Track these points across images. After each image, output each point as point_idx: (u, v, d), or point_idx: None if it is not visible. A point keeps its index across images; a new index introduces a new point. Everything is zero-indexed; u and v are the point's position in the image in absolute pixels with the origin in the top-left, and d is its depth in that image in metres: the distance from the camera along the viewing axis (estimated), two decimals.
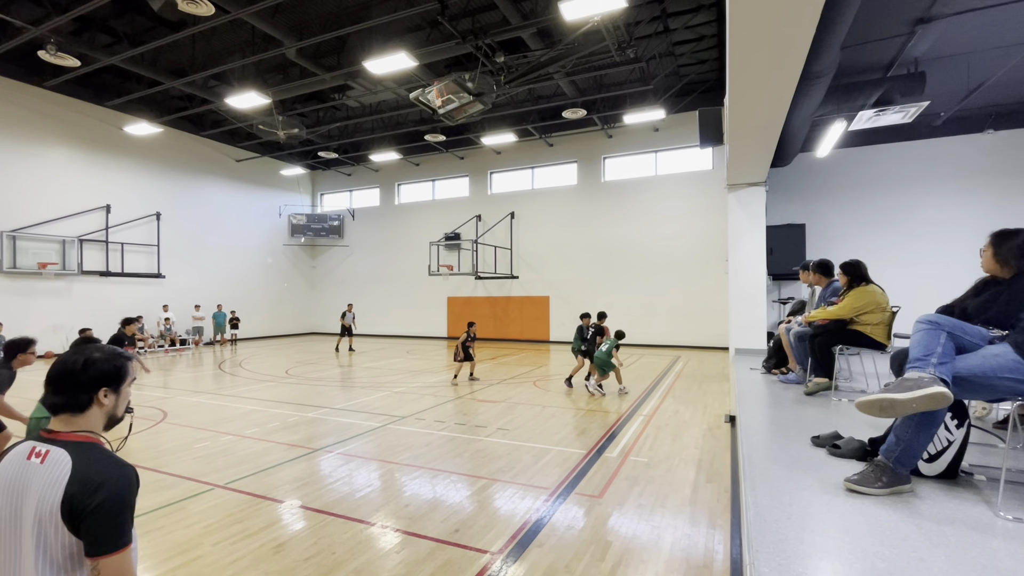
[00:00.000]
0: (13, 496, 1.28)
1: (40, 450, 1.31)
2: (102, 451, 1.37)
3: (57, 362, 1.40)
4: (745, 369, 5.89)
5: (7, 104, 14.38)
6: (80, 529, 1.25)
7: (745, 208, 7.66)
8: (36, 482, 1.26)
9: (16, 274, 14.44)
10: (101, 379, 1.40)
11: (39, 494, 1.25)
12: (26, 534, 1.25)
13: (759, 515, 1.93)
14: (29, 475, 1.28)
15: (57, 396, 1.37)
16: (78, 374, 1.37)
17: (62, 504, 1.24)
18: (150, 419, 7.38)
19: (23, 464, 1.30)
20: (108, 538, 1.25)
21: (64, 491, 1.25)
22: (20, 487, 1.28)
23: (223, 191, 20.53)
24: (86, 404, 1.38)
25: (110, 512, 1.26)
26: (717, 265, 15.74)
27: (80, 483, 1.26)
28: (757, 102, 5.04)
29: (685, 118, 16.10)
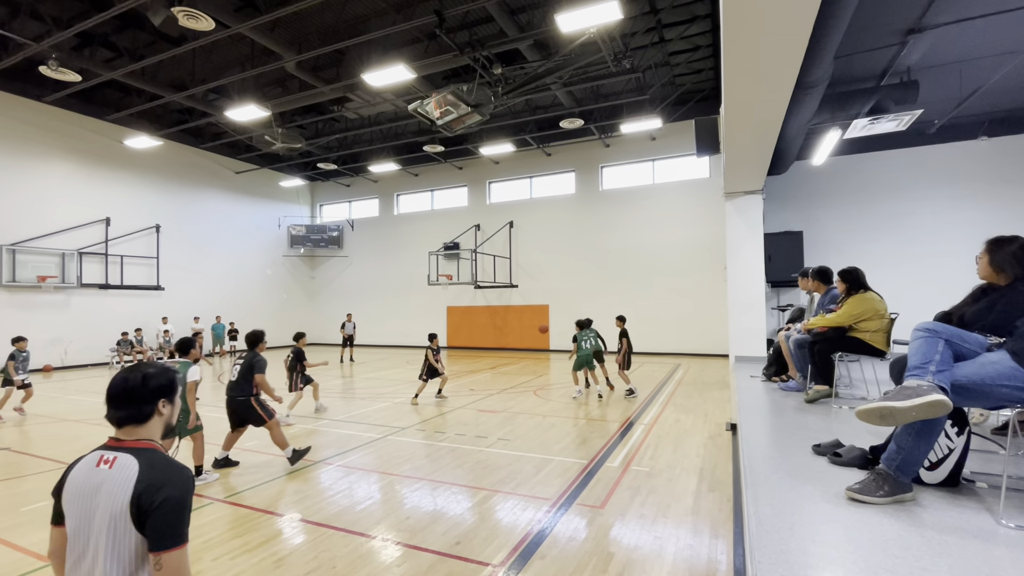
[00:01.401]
0: (85, 500, 1.44)
1: (108, 457, 1.48)
2: (163, 456, 1.53)
3: (117, 380, 1.55)
4: (745, 377, 5.89)
5: (8, 119, 14.47)
6: (145, 526, 1.39)
7: (743, 216, 7.70)
8: (107, 485, 1.42)
9: (15, 288, 14.43)
10: (159, 392, 1.57)
11: (110, 495, 1.41)
12: (97, 534, 1.40)
13: (761, 525, 1.92)
14: (99, 480, 1.44)
15: (121, 410, 1.53)
16: (140, 389, 1.53)
17: (130, 503, 1.39)
18: None
19: (93, 471, 1.46)
20: (170, 534, 1.40)
21: (132, 491, 1.40)
22: (91, 491, 1.44)
23: (222, 203, 20.59)
24: (148, 415, 1.56)
25: (172, 510, 1.41)
26: (716, 273, 15.77)
27: (146, 484, 1.41)
28: (752, 112, 5.10)
29: (682, 127, 16.22)
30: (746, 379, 5.74)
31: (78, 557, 1.43)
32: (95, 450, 1.51)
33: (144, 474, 1.43)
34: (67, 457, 6.11)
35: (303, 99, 13.91)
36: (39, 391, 11.39)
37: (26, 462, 5.97)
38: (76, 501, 1.46)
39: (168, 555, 1.38)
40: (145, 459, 1.47)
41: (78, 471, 1.49)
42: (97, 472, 1.45)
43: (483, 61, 11.47)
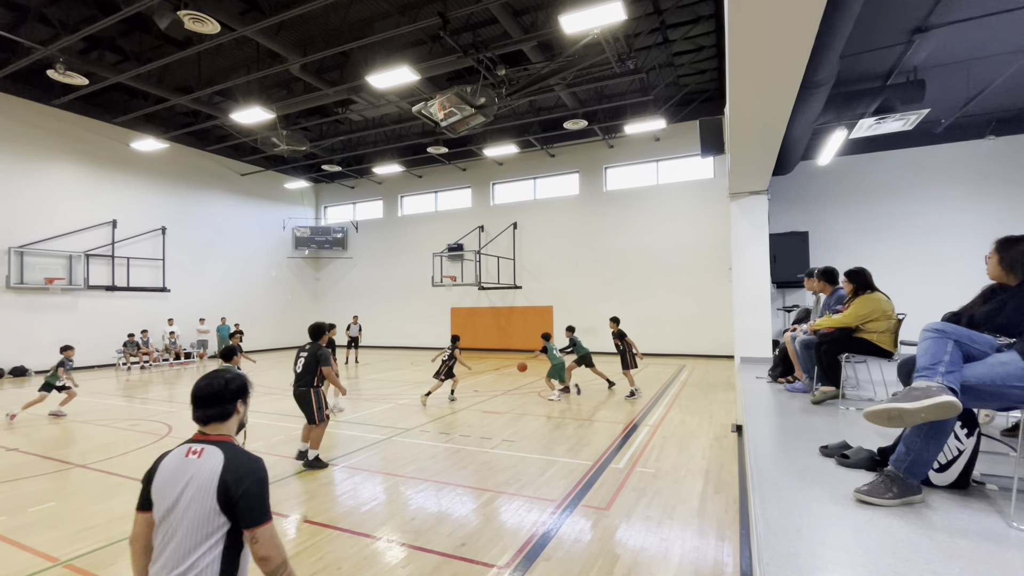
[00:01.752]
0: (176, 485, 1.67)
1: (196, 449, 1.74)
2: (240, 448, 1.78)
3: (202, 385, 1.82)
4: (751, 378, 5.87)
5: (16, 122, 14.60)
6: (233, 508, 1.64)
7: (748, 216, 7.68)
8: (197, 472, 1.67)
9: (23, 289, 14.55)
10: (238, 394, 1.87)
11: (200, 480, 1.66)
12: (184, 514, 1.63)
13: (769, 528, 1.91)
14: (189, 468, 1.69)
15: (207, 410, 1.80)
16: (223, 392, 1.82)
17: (218, 488, 1.63)
18: (155, 433, 7.38)
19: (183, 461, 1.72)
20: (259, 512, 1.66)
21: (220, 477, 1.65)
22: (182, 477, 1.67)
23: (228, 205, 20.70)
24: (229, 414, 1.84)
25: (257, 493, 1.67)
26: (721, 273, 15.72)
27: (232, 471, 1.67)
28: (757, 112, 5.08)
29: (686, 127, 16.19)
30: (752, 380, 5.71)
31: (164, 536, 1.65)
32: (183, 443, 1.78)
33: (229, 463, 1.69)
34: (74, 458, 6.15)
35: (308, 101, 13.97)
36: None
37: (34, 463, 6.01)
38: (167, 487, 1.69)
39: (261, 529, 1.65)
40: (227, 451, 1.73)
41: (169, 461, 1.75)
42: (187, 462, 1.71)
43: (487, 63, 11.48)
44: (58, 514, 4.46)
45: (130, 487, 5.12)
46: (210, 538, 1.63)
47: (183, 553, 1.60)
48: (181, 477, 1.68)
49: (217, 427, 1.82)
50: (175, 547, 1.61)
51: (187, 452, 1.74)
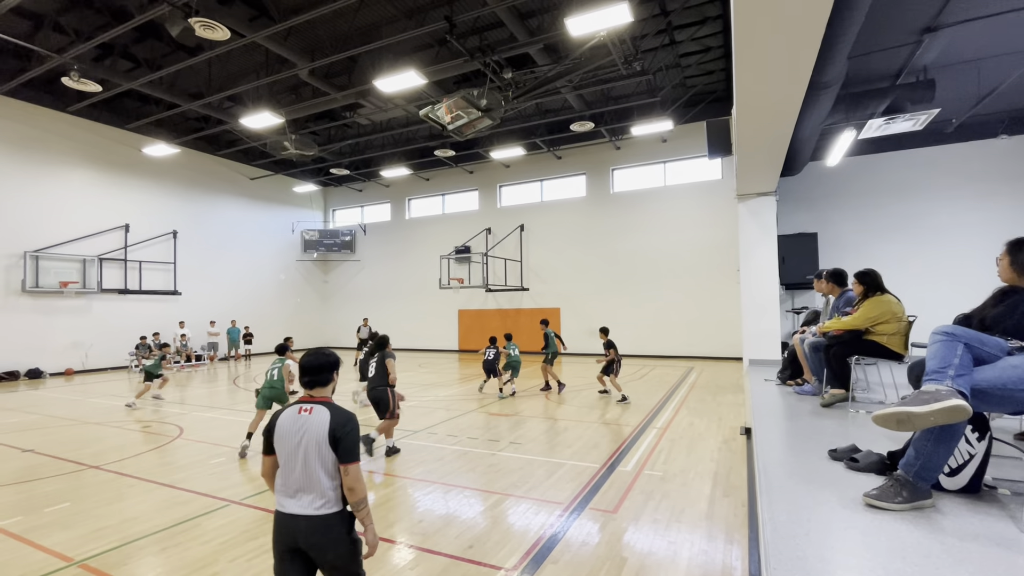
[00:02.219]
0: (296, 435, 2.23)
1: (306, 407, 2.29)
2: (338, 406, 2.34)
3: (311, 358, 2.40)
4: (760, 380, 5.83)
5: (33, 128, 14.87)
6: (338, 448, 2.21)
7: (756, 218, 7.64)
8: (310, 425, 2.23)
9: (39, 293, 14.79)
10: (335, 367, 2.46)
11: (315, 430, 2.22)
12: (305, 454, 2.20)
13: (777, 532, 1.91)
14: (303, 422, 2.25)
15: (315, 377, 2.38)
16: (326, 365, 2.41)
17: (328, 434, 2.21)
18: (167, 435, 7.47)
19: (297, 417, 2.27)
20: (352, 452, 2.24)
21: (329, 427, 2.22)
22: (298, 429, 2.24)
23: (238, 209, 20.92)
24: (328, 381, 2.43)
25: (353, 438, 2.26)
26: (729, 275, 15.63)
27: (336, 422, 2.24)
28: (764, 113, 5.07)
29: (693, 128, 16.13)
30: (760, 383, 5.68)
31: (290, 471, 2.23)
32: (294, 403, 2.33)
33: (334, 417, 2.25)
34: (88, 459, 6.24)
35: (316, 106, 14.10)
36: (61, 394, 11.65)
37: (49, 464, 6.11)
38: (286, 436, 2.25)
39: (351, 466, 2.22)
40: (331, 408, 2.29)
41: (284, 418, 2.30)
42: (300, 417, 2.26)
43: (493, 66, 11.53)
44: (73, 514, 4.53)
45: (143, 488, 5.19)
46: (325, 469, 2.23)
47: (311, 480, 2.22)
48: (298, 429, 2.25)
49: (320, 391, 2.40)
50: (303, 476, 2.21)
51: (299, 410, 2.29)
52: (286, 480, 2.24)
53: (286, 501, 2.23)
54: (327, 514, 2.19)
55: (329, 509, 2.20)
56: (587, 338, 18.63)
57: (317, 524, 2.18)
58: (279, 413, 2.32)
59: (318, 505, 2.19)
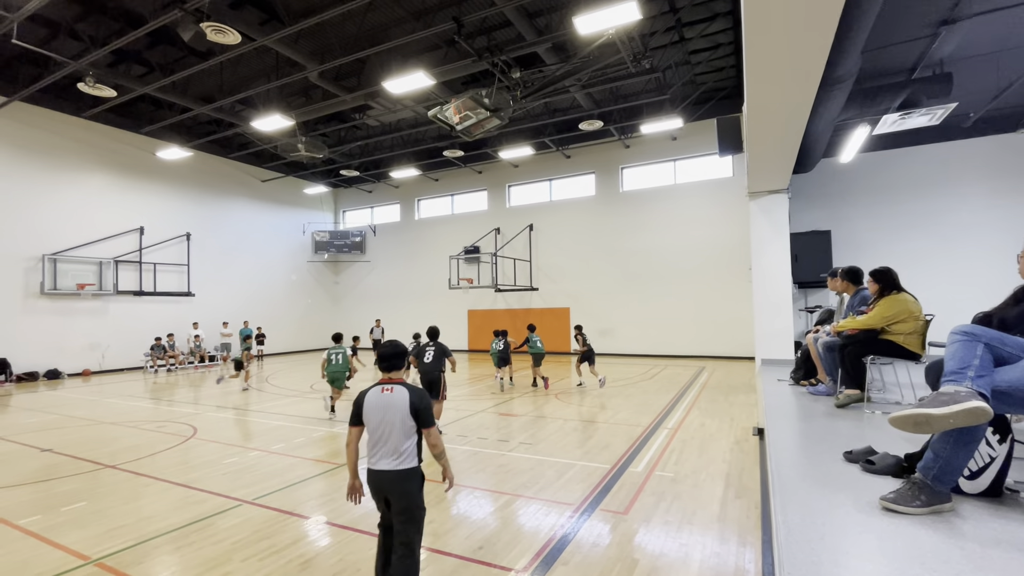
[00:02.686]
0: (380, 409, 2.86)
1: (388, 388, 2.91)
2: (412, 385, 2.96)
3: (388, 349, 3.01)
4: (772, 380, 5.76)
5: (50, 134, 15.15)
6: (418, 417, 2.85)
7: (767, 216, 7.55)
8: (392, 401, 2.86)
9: (57, 295, 15.07)
10: (406, 353, 3.09)
11: (398, 405, 2.85)
12: (390, 424, 2.84)
13: (791, 535, 1.87)
14: (386, 398, 2.88)
15: (392, 362, 2.99)
16: (400, 352, 3.04)
17: (409, 407, 2.84)
18: (181, 435, 7.57)
19: (381, 395, 2.89)
20: (429, 419, 2.90)
21: (409, 401, 2.85)
22: (383, 404, 2.87)
23: (249, 211, 21.15)
24: (401, 365, 3.03)
25: (429, 408, 2.91)
26: (741, 273, 15.48)
27: (415, 398, 2.87)
28: (776, 110, 5.00)
29: (703, 126, 16.00)
30: (773, 383, 5.61)
31: (379, 438, 2.87)
32: (375, 384, 2.95)
33: (412, 394, 2.88)
34: (105, 459, 6.34)
35: (326, 108, 14.19)
36: (79, 394, 11.86)
37: (67, 464, 6.22)
38: (374, 410, 2.88)
39: (431, 429, 2.92)
40: (407, 387, 2.92)
41: (371, 395, 2.92)
42: (383, 395, 2.89)
43: (501, 66, 11.52)
44: (89, 513, 4.60)
45: (158, 488, 5.26)
46: (409, 435, 2.88)
47: (395, 443, 2.85)
48: (382, 404, 2.87)
49: (396, 374, 2.99)
50: (390, 441, 2.85)
51: (382, 390, 2.91)
52: (374, 444, 2.90)
53: (374, 460, 2.90)
54: (401, 469, 2.86)
55: (403, 465, 2.87)
56: (598, 338, 18.56)
57: (394, 477, 2.85)
58: (364, 392, 2.95)
59: (395, 463, 2.86)
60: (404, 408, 2.83)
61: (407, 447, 2.87)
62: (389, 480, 2.85)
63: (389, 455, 2.85)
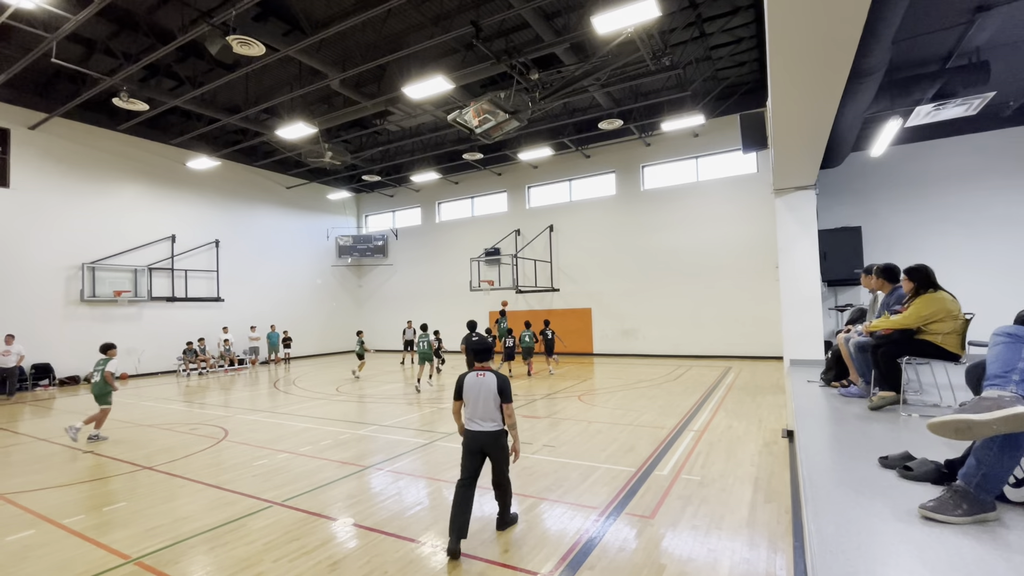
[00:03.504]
0: (477, 388, 3.88)
1: (480, 374, 3.93)
2: (497, 371, 3.95)
3: (479, 344, 4.08)
4: (802, 381, 5.62)
5: (88, 148, 15.80)
6: (502, 395, 3.84)
7: (794, 213, 7.37)
8: (485, 383, 3.88)
9: (95, 302, 15.69)
10: (493, 346, 4.90)
11: (487, 386, 3.87)
12: (484, 399, 3.86)
13: (824, 545, 1.83)
14: (480, 381, 3.90)
15: (483, 356, 4.06)
16: (489, 346, 4.11)
17: (497, 388, 3.85)
18: (213, 437, 7.78)
19: (476, 378, 3.92)
20: (509, 397, 3.88)
21: (496, 384, 3.85)
22: (478, 385, 3.89)
23: (275, 217, 21.65)
24: (490, 358, 4.09)
25: (508, 389, 3.88)
26: (767, 272, 15.15)
27: (500, 382, 3.87)
28: (802, 105, 4.88)
29: (726, 122, 15.73)
30: (803, 384, 5.47)
31: (475, 408, 3.89)
32: (471, 371, 3.98)
33: (498, 379, 3.86)
34: (142, 460, 6.56)
35: (347, 115, 14.44)
36: (117, 398, 12.30)
37: (107, 465, 6.46)
38: (471, 389, 3.90)
39: (510, 405, 3.87)
40: (495, 374, 3.91)
41: (469, 378, 3.94)
42: (478, 379, 3.90)
43: (520, 67, 11.54)
44: (129, 513, 4.77)
45: (193, 489, 5.42)
46: (496, 407, 3.89)
47: (485, 412, 3.89)
48: (479, 385, 3.91)
49: (485, 364, 4.05)
50: (482, 410, 3.89)
51: (476, 375, 3.95)
52: (472, 413, 3.95)
53: (473, 424, 3.94)
54: (494, 430, 3.91)
55: (495, 428, 3.92)
56: (621, 339, 18.41)
57: (490, 435, 3.90)
58: (464, 376, 4.01)
59: (490, 426, 3.90)
60: (493, 388, 3.87)
61: (496, 415, 3.90)
62: (486, 437, 3.90)
63: (485, 420, 3.90)
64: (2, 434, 8.59)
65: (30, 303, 14.38)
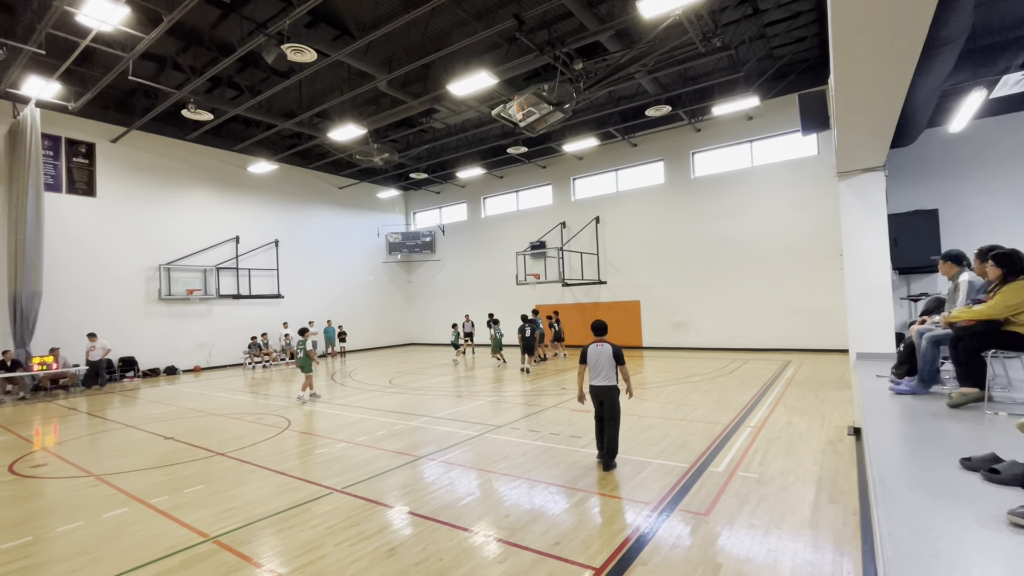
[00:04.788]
0: (597, 355, 5.43)
1: (600, 344, 5.48)
2: (611, 342, 5.50)
3: (597, 322, 5.59)
4: (870, 376, 5.29)
5: (161, 157, 17.04)
6: (617, 358, 5.37)
7: (860, 197, 6.91)
8: (603, 350, 5.43)
9: (170, 300, 16.97)
10: (606, 326, 5.62)
11: (605, 352, 5.40)
12: (603, 363, 5.39)
13: (899, 550, 1.72)
14: (599, 349, 5.44)
15: (601, 333, 5.55)
16: (605, 327, 5.59)
17: (612, 354, 5.39)
18: (277, 427, 8.26)
19: (596, 346, 5.47)
20: (622, 359, 5.41)
21: (612, 351, 5.39)
22: (598, 352, 5.44)
23: (329, 216, 22.57)
24: (606, 332, 5.56)
25: (621, 354, 5.42)
26: (830, 259, 14.31)
27: (615, 349, 5.43)
28: (869, 81, 4.54)
29: (783, 103, 14.93)
30: (871, 378, 5.15)
31: (597, 369, 5.41)
32: (592, 343, 5.49)
33: (613, 347, 5.42)
34: (215, 447, 7.06)
35: (395, 115, 14.80)
36: (192, 388, 13.28)
37: (186, 450, 7.00)
38: (593, 355, 5.43)
39: (624, 365, 5.40)
40: (610, 344, 5.45)
41: (591, 347, 5.47)
42: (598, 347, 5.44)
43: (563, 58, 11.40)
44: (206, 496, 5.16)
45: (261, 474, 5.78)
46: (613, 368, 5.36)
47: (605, 373, 5.36)
48: (597, 352, 5.41)
49: (601, 336, 5.49)
50: (603, 371, 5.36)
51: (596, 345, 5.43)
52: (595, 373, 5.39)
53: (596, 381, 5.39)
54: (609, 385, 5.37)
55: (609, 383, 5.37)
56: (672, 332, 17.97)
57: (605, 389, 5.38)
58: (587, 347, 5.46)
59: (606, 382, 5.37)
60: (609, 354, 5.34)
61: (611, 374, 5.35)
62: (604, 391, 5.37)
63: (603, 378, 5.35)
64: (95, 421, 9.48)
65: (116, 302, 15.73)
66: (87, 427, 8.94)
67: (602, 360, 5.33)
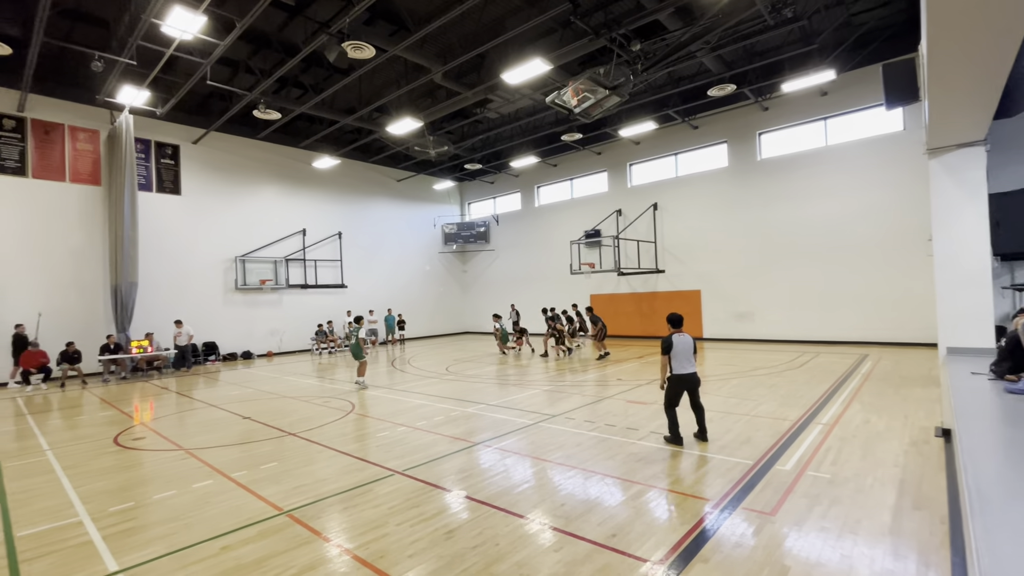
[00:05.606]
0: (682, 344, 5.87)
1: (680, 333, 5.93)
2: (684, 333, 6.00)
3: (676, 317, 6.04)
4: (964, 373, 4.81)
5: (236, 156, 18.23)
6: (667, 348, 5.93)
7: (955, 175, 6.24)
8: (686, 339, 5.91)
9: (246, 290, 18.23)
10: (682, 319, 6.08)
11: (688, 342, 5.93)
12: (688, 350, 5.91)
13: (999, 566, 1.56)
14: (684, 338, 5.90)
15: (678, 323, 6.01)
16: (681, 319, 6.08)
17: (692, 343, 6.00)
18: (342, 410, 8.70)
19: (682, 335, 5.91)
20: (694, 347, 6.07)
21: (692, 340, 6.00)
22: (683, 341, 5.88)
23: (388, 208, 23.32)
24: (682, 323, 6.06)
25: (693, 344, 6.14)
26: (916, 245, 13.12)
27: (694, 340, 6.03)
28: (969, 45, 4.06)
29: (862, 75, 13.74)
30: (965, 376, 4.68)
31: (684, 357, 5.88)
32: (675, 333, 5.89)
33: (691, 338, 6.00)
34: (287, 427, 7.54)
35: (450, 106, 14.98)
36: (265, 372, 14.23)
37: (261, 430, 7.53)
38: (679, 344, 5.83)
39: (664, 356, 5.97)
40: (687, 334, 5.96)
41: (675, 337, 5.85)
42: (683, 336, 5.90)
43: (620, 40, 11.05)
44: (280, 472, 5.53)
45: (328, 455, 6.12)
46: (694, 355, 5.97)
47: (687, 360, 5.88)
48: (683, 340, 5.86)
49: (681, 328, 5.97)
50: (685, 358, 5.87)
51: (678, 334, 5.88)
52: (681, 361, 5.82)
53: (683, 369, 5.84)
54: (694, 371, 5.91)
55: (694, 370, 5.91)
56: (735, 322, 17.22)
57: (695, 376, 5.93)
58: (669, 336, 5.82)
59: (693, 369, 5.90)
60: (691, 342, 5.92)
61: (694, 360, 5.91)
62: (690, 379, 5.88)
63: (690, 365, 5.86)
64: (183, 400, 10.39)
65: (200, 291, 17.10)
66: (176, 405, 9.83)
67: (687, 349, 5.84)
